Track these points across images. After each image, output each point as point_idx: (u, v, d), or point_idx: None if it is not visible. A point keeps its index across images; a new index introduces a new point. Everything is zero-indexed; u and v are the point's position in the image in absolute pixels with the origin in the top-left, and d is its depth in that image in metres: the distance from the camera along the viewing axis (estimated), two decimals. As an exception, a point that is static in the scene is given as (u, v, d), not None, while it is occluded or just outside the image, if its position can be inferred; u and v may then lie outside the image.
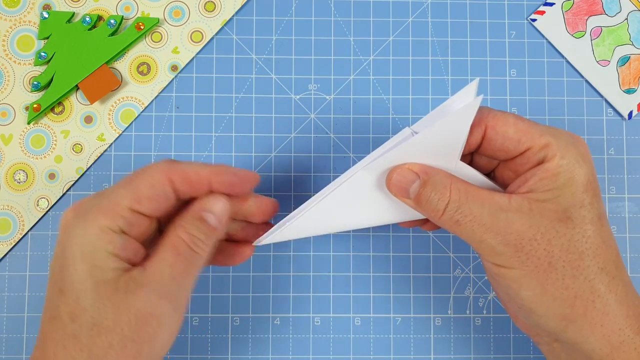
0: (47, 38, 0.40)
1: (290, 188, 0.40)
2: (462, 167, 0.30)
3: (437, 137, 0.29)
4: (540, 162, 0.29)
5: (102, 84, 0.39)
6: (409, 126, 0.31)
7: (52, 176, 0.40)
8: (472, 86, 0.30)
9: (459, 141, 0.29)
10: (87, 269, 0.27)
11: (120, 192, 0.28)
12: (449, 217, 0.28)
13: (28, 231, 0.39)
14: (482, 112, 0.29)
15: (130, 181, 0.28)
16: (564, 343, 0.29)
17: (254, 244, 0.33)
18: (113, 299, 0.27)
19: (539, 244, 0.28)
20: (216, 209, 0.30)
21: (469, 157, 0.32)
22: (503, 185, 0.31)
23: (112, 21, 0.39)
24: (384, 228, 0.40)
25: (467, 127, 0.28)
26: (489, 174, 0.32)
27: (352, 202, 0.31)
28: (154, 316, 0.27)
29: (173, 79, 0.40)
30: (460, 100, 0.30)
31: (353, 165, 0.40)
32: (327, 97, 0.41)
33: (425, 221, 0.33)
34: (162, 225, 0.31)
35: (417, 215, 0.32)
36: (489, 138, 0.30)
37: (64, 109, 0.40)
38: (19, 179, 0.40)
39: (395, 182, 0.30)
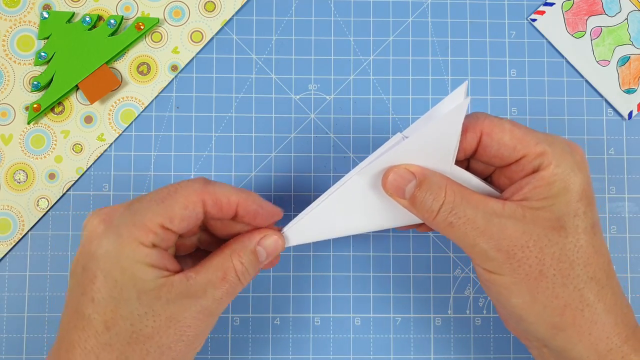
0: (47, 38, 0.40)
1: (290, 188, 0.40)
2: (457, 171, 0.30)
3: (428, 140, 0.29)
4: (536, 170, 0.29)
5: (102, 84, 0.39)
6: (400, 132, 0.31)
7: (52, 176, 0.40)
8: (462, 88, 0.30)
9: (451, 144, 0.29)
10: (129, 280, 0.27)
11: (153, 209, 0.28)
12: (442, 218, 0.28)
13: (28, 231, 0.39)
14: (478, 117, 0.29)
15: (164, 199, 0.28)
16: (553, 350, 0.29)
17: None
18: (155, 307, 0.27)
19: (531, 251, 0.28)
20: (270, 248, 0.31)
21: (466, 162, 0.32)
22: (498, 191, 0.31)
23: (112, 21, 0.39)
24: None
25: (458, 130, 0.28)
26: (485, 180, 0.32)
27: (347, 209, 0.31)
28: (192, 327, 0.28)
29: (173, 79, 0.40)
30: (451, 103, 0.30)
31: (353, 165, 0.40)
32: (327, 97, 0.41)
33: (421, 223, 0.33)
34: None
35: (413, 220, 0.32)
36: (485, 144, 0.29)
37: (64, 109, 0.40)
38: (19, 179, 0.40)
39: (391, 182, 0.29)
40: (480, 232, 0.28)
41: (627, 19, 0.41)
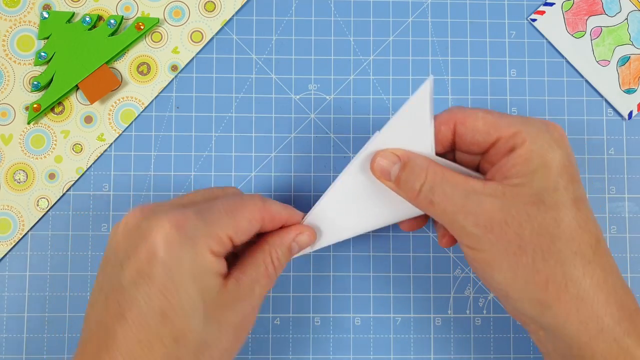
0: (47, 38, 0.40)
1: (290, 188, 0.40)
2: (440, 161, 0.31)
3: (402, 128, 0.31)
4: (512, 150, 0.29)
5: (102, 84, 0.39)
6: (379, 130, 0.32)
7: (52, 176, 0.40)
8: (427, 84, 0.30)
9: (426, 131, 0.30)
10: (199, 291, 0.27)
11: (224, 220, 0.29)
12: (424, 196, 0.29)
13: (28, 231, 0.39)
14: (452, 110, 0.31)
15: (233, 212, 0.29)
16: (547, 330, 0.29)
17: None
18: (216, 315, 0.28)
19: (509, 226, 0.28)
20: (303, 243, 0.33)
21: (451, 156, 0.33)
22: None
23: (112, 21, 0.39)
24: (384, 228, 0.39)
25: (427, 112, 0.30)
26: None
27: (341, 210, 0.33)
28: (245, 327, 0.29)
29: (173, 79, 0.40)
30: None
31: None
32: (327, 97, 0.41)
33: (421, 222, 0.34)
34: None
35: (408, 213, 0.33)
36: (460, 133, 0.31)
37: (64, 109, 0.40)
38: (19, 179, 0.40)
39: (378, 165, 0.31)
40: (459, 208, 0.28)
41: (627, 19, 0.41)
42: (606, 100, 0.41)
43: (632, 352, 0.28)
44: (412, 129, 0.30)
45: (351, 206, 0.33)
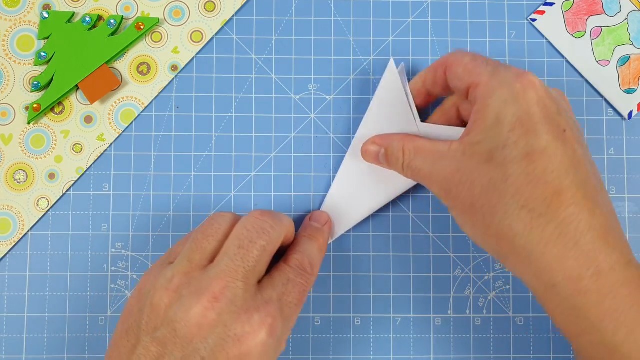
0: (47, 38, 0.40)
1: (290, 188, 0.40)
2: (425, 127, 0.35)
3: (382, 109, 0.36)
4: (475, 102, 0.30)
5: (102, 84, 0.39)
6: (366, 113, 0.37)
7: (52, 176, 0.40)
8: (391, 65, 0.36)
9: (404, 103, 0.35)
10: None
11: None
12: (407, 173, 0.33)
13: (28, 231, 0.39)
14: (447, 55, 0.33)
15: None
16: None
17: None
18: None
19: (463, 185, 0.29)
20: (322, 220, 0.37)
21: (455, 109, 0.35)
22: None
23: (112, 21, 0.39)
24: (384, 228, 0.40)
25: (401, 88, 0.35)
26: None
27: (350, 194, 0.37)
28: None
29: (173, 79, 0.40)
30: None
31: (353, 165, 0.40)
32: (327, 97, 0.41)
33: None
34: None
35: (405, 183, 0.36)
36: (449, 77, 0.33)
37: (64, 109, 0.40)
38: (19, 179, 0.40)
39: (367, 152, 0.36)
40: (429, 176, 0.31)
41: (627, 19, 0.41)
42: (606, 100, 0.41)
43: (585, 313, 0.27)
44: (393, 107, 0.35)
45: (358, 188, 0.37)
